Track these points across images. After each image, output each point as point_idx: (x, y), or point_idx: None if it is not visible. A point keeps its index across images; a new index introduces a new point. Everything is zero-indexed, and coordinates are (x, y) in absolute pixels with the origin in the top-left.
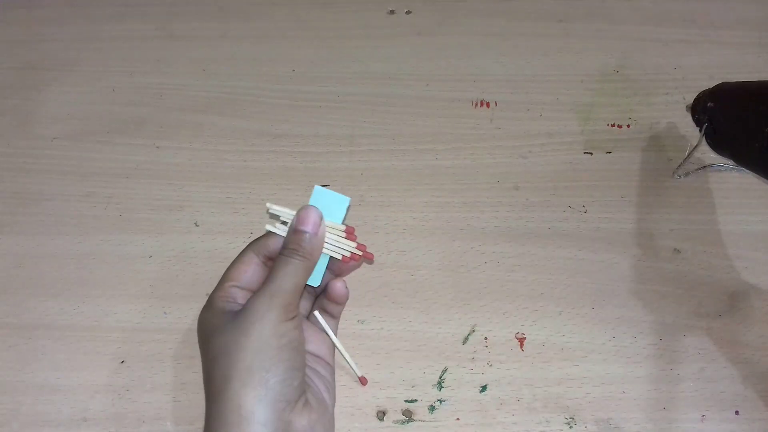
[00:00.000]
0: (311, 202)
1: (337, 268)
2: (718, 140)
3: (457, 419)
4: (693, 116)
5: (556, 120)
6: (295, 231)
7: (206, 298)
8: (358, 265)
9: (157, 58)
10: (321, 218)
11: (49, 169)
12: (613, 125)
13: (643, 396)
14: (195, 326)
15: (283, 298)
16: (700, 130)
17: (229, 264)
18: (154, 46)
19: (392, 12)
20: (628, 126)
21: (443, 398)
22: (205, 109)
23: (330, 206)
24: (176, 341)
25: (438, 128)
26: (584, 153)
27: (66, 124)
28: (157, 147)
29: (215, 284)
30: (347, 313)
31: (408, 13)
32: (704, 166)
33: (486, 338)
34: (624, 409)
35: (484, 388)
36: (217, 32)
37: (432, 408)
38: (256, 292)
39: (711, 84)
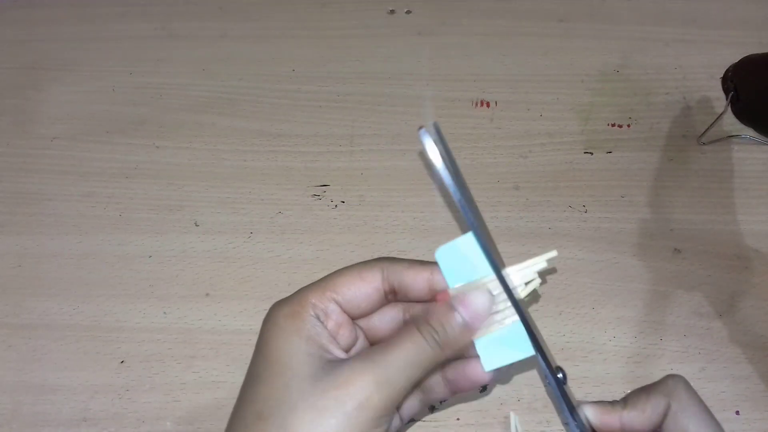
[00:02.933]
0: (443, 269)
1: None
2: (742, 109)
3: (457, 419)
4: (722, 86)
5: (556, 120)
6: (448, 308)
7: (206, 297)
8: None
9: (157, 58)
10: (488, 313)
11: (49, 169)
12: (613, 125)
13: None
14: (195, 325)
15: (390, 394)
16: (727, 99)
17: (334, 270)
18: (154, 46)
19: (392, 12)
20: (629, 126)
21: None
22: (205, 109)
23: (464, 259)
24: (176, 341)
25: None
26: (584, 153)
27: (66, 124)
28: (157, 147)
29: (215, 284)
30: None
31: (408, 12)
32: (729, 137)
33: None
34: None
35: (484, 388)
36: (217, 32)
37: (432, 408)
38: (361, 358)
39: (711, 84)
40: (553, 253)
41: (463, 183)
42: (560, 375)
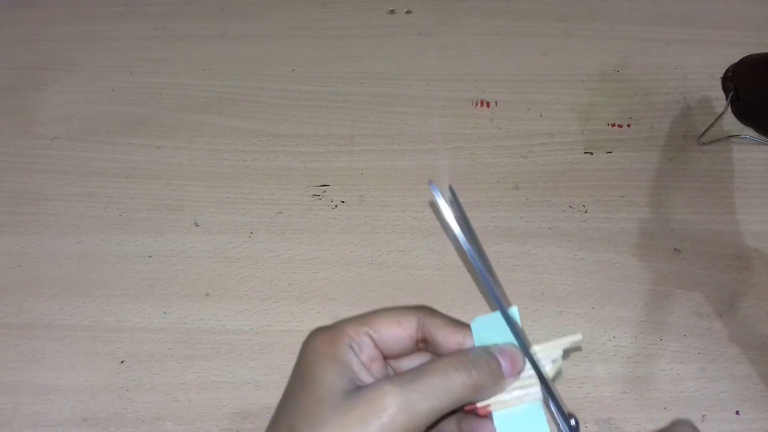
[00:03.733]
0: (475, 337)
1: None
2: (742, 109)
3: None
4: (722, 86)
5: (556, 120)
6: (486, 352)
7: (206, 297)
8: None
9: (157, 58)
10: (521, 370)
11: (49, 169)
12: (613, 125)
13: (643, 396)
14: (195, 325)
15: (412, 418)
16: (727, 99)
17: (376, 310)
18: (154, 46)
19: (392, 12)
20: (629, 126)
21: None
22: (205, 109)
23: (497, 330)
24: (176, 341)
25: (438, 128)
26: (584, 153)
27: (66, 124)
28: (157, 147)
29: (215, 284)
30: (348, 314)
31: (408, 12)
32: (729, 137)
33: None
34: (624, 409)
35: None
36: (217, 32)
37: None
38: (391, 379)
39: (711, 84)
40: (578, 337)
41: (475, 237)
42: (573, 422)
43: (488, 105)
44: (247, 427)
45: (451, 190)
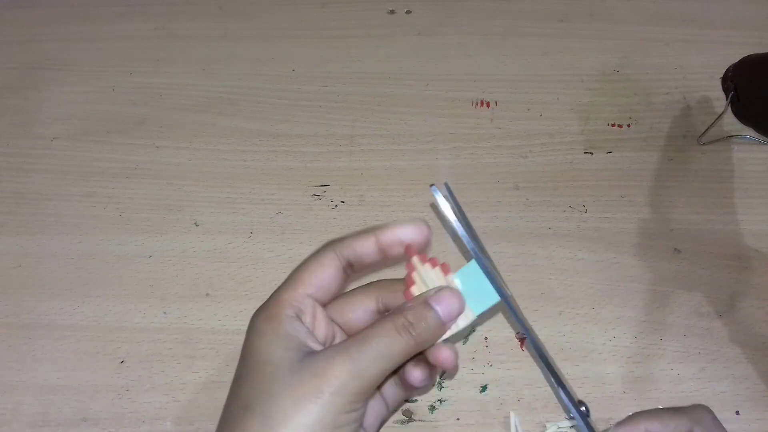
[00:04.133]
0: (458, 274)
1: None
2: (742, 109)
3: (458, 419)
4: (722, 86)
5: (556, 120)
6: (424, 304)
7: (206, 297)
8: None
9: (157, 58)
10: (461, 312)
11: (49, 169)
12: (613, 125)
13: (643, 396)
14: (195, 325)
15: (363, 383)
16: (727, 99)
17: (296, 266)
18: (154, 46)
19: (392, 12)
20: (629, 126)
21: (443, 398)
22: (205, 109)
23: (473, 292)
24: (176, 341)
25: (438, 128)
26: (584, 153)
27: (66, 124)
28: (157, 147)
29: (215, 284)
30: None
31: (408, 12)
32: (729, 137)
33: (486, 338)
34: (624, 409)
35: (484, 388)
36: (217, 32)
37: (432, 408)
38: (336, 349)
39: (711, 84)
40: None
41: (475, 234)
42: (583, 408)
43: (488, 105)
44: None
45: (447, 187)
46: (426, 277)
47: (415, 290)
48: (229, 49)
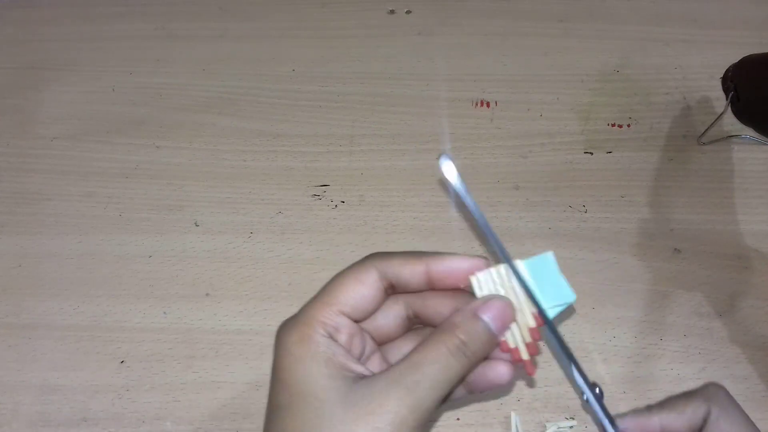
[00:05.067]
0: (526, 265)
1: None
2: (742, 109)
3: (457, 419)
4: (722, 86)
5: (556, 120)
6: (473, 317)
7: (206, 297)
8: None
9: (157, 58)
10: (513, 319)
11: (49, 169)
12: (613, 125)
13: (644, 396)
14: (195, 325)
15: (421, 415)
16: (727, 99)
17: (331, 280)
18: (154, 46)
19: (392, 12)
20: (629, 126)
21: None
22: (205, 109)
23: (545, 287)
24: (176, 341)
25: (438, 128)
26: (584, 153)
27: (66, 124)
28: (157, 147)
29: (215, 284)
30: None
31: (408, 12)
32: (729, 137)
33: None
34: (624, 409)
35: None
36: (217, 32)
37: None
38: (390, 381)
39: (711, 84)
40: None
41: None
42: (597, 390)
43: (488, 105)
44: (247, 427)
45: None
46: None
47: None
48: (229, 49)
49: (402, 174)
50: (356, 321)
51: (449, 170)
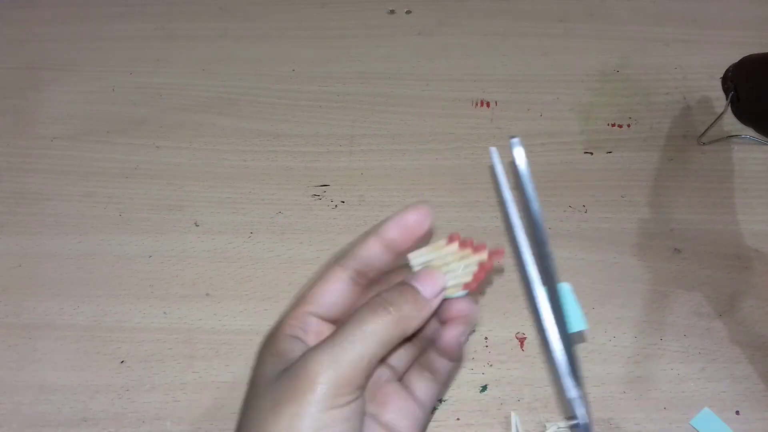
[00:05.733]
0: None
1: (446, 309)
2: (742, 109)
3: (458, 419)
4: (722, 86)
5: (556, 120)
6: (401, 283)
7: (206, 297)
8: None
9: (157, 58)
10: (443, 289)
11: (49, 169)
12: (613, 125)
13: (643, 396)
14: (195, 325)
15: (340, 372)
16: (727, 99)
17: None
18: (154, 46)
19: (392, 12)
20: (629, 126)
21: (443, 398)
22: (205, 109)
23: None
24: (176, 341)
25: (438, 128)
26: (584, 153)
27: (66, 124)
28: (157, 147)
29: (215, 284)
30: None
31: (408, 13)
32: (729, 137)
33: (486, 338)
34: (624, 409)
35: (484, 388)
36: (217, 32)
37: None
38: (309, 349)
39: (711, 84)
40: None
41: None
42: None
43: (488, 105)
44: None
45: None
46: (445, 254)
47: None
48: (229, 49)
49: (402, 174)
50: (334, 319)
51: (520, 156)
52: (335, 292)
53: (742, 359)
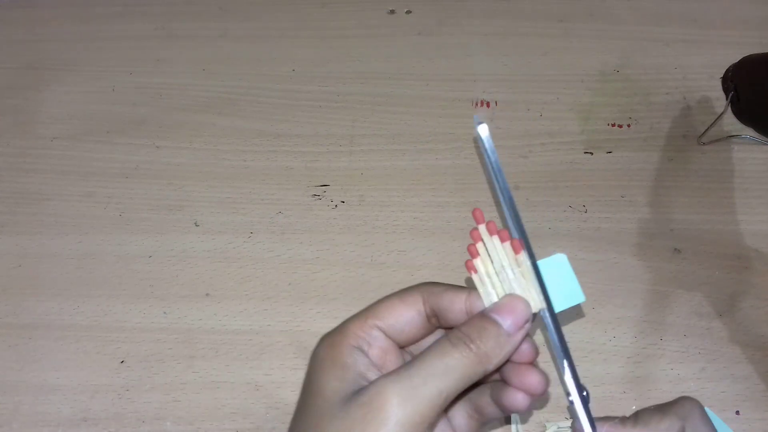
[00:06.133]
0: (542, 263)
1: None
2: (742, 109)
3: None
4: (722, 86)
5: (556, 120)
6: (482, 316)
7: (206, 297)
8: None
9: (157, 58)
10: (529, 320)
11: (49, 169)
12: (613, 125)
13: (644, 396)
14: (195, 325)
15: (416, 409)
16: (727, 99)
17: (372, 300)
18: (154, 46)
19: (392, 12)
20: (629, 126)
21: None
22: (205, 109)
23: (557, 287)
24: (176, 341)
25: (438, 128)
26: (584, 153)
27: (66, 124)
28: (157, 147)
29: (215, 284)
30: (348, 314)
31: (408, 12)
32: (729, 137)
33: None
34: (624, 409)
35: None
36: (217, 32)
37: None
38: (383, 377)
39: (711, 84)
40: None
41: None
42: (584, 393)
43: (488, 105)
44: (247, 427)
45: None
46: (492, 252)
47: (479, 264)
48: (229, 49)
49: (402, 174)
50: (398, 342)
51: (484, 132)
52: (408, 319)
53: (742, 359)
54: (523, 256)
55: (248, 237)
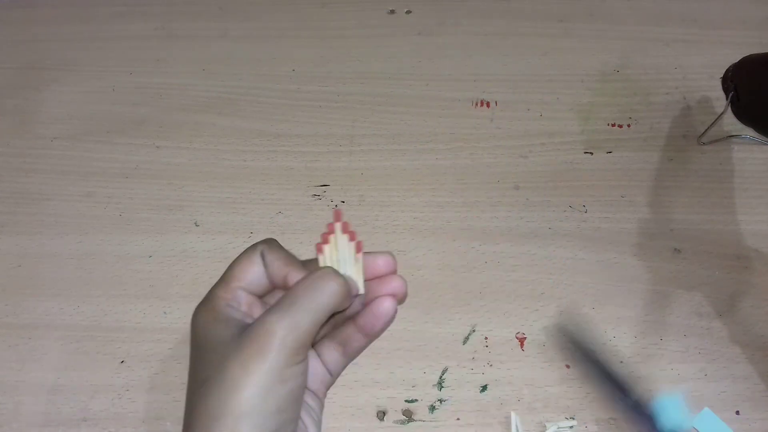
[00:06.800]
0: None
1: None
2: (742, 109)
3: (458, 419)
4: (722, 86)
5: (556, 120)
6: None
7: None
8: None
9: (157, 58)
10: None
11: (49, 169)
12: (613, 125)
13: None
14: None
15: (301, 335)
16: (727, 99)
17: (230, 263)
18: (154, 46)
19: (392, 12)
20: (629, 126)
21: (443, 398)
22: (205, 109)
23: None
24: (176, 341)
25: (438, 128)
26: (584, 153)
27: (66, 124)
28: (157, 147)
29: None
30: None
31: (408, 12)
32: (729, 137)
33: (486, 338)
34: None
35: (484, 388)
36: (217, 32)
37: (432, 408)
38: (270, 311)
39: (711, 84)
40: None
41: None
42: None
43: (488, 105)
44: None
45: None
46: (340, 245)
47: (327, 250)
48: (229, 49)
49: (402, 174)
50: (258, 294)
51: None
52: (258, 273)
53: (742, 359)
54: (361, 255)
55: (248, 237)
